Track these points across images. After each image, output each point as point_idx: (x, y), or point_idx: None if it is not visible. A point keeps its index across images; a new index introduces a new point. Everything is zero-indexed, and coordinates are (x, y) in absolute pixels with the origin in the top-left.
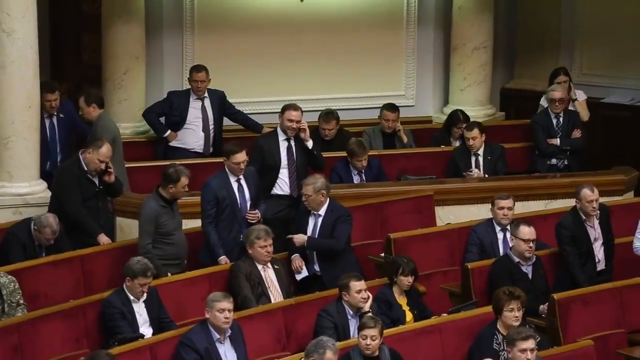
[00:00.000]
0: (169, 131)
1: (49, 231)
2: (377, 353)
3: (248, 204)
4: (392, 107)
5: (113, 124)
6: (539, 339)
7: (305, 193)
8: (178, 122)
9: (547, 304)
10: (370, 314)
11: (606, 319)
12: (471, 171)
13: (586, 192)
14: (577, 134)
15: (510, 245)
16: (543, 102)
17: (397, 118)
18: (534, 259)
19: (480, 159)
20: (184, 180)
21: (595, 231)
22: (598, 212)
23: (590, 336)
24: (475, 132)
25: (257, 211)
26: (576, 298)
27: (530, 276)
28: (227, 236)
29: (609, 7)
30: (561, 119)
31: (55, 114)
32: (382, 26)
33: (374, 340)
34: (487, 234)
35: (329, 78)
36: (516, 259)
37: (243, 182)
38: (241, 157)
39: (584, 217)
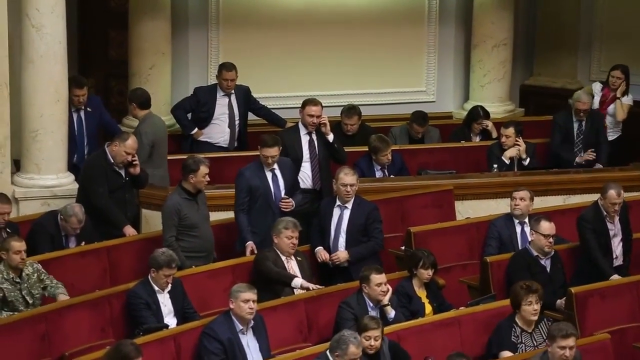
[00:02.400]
0: (195, 129)
1: (75, 220)
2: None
3: (282, 194)
4: (422, 120)
5: (155, 128)
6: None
7: (351, 183)
8: (206, 117)
9: (564, 297)
10: (373, 315)
11: (623, 312)
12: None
13: (612, 194)
14: (589, 156)
15: (530, 240)
16: (595, 85)
17: (426, 128)
18: (552, 253)
19: (514, 158)
20: (204, 169)
21: (614, 227)
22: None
23: (608, 330)
24: (511, 130)
25: (290, 200)
26: (593, 292)
27: (548, 270)
28: (261, 225)
29: (628, 5)
30: (583, 124)
31: (83, 108)
32: (404, 23)
33: (376, 341)
34: (506, 227)
35: (351, 74)
36: (535, 253)
37: (277, 172)
38: (271, 151)
39: (605, 213)
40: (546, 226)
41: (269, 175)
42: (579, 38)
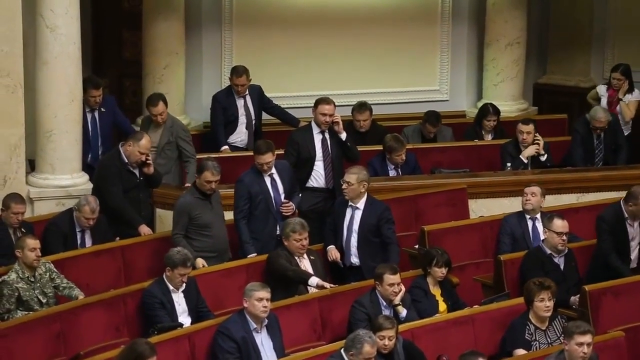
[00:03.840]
0: (225, 146)
1: (87, 209)
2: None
3: (282, 198)
4: (435, 120)
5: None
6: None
7: (348, 181)
8: (232, 121)
9: (578, 295)
10: (388, 315)
11: (637, 310)
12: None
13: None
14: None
15: (543, 237)
16: (599, 88)
17: (437, 129)
18: (566, 251)
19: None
20: (207, 174)
21: (634, 230)
22: None
23: (621, 327)
24: (531, 127)
25: (290, 203)
26: (607, 290)
27: (562, 268)
28: (262, 230)
29: None
30: (602, 136)
31: (97, 108)
32: (417, 21)
33: (391, 341)
34: (518, 224)
35: (364, 72)
36: (548, 251)
37: (276, 176)
38: (265, 158)
39: (626, 216)
40: (559, 224)
41: (267, 180)
42: (592, 36)
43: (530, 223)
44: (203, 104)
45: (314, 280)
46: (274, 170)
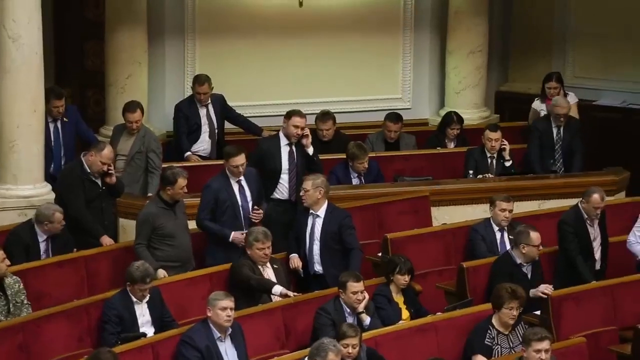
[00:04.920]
0: (188, 153)
1: (59, 215)
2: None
3: (250, 205)
4: (395, 118)
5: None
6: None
7: (304, 187)
8: (195, 130)
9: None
10: (351, 323)
11: (598, 316)
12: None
13: (596, 198)
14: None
15: (523, 251)
16: (535, 105)
17: (400, 128)
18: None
19: (494, 161)
20: (181, 182)
21: (594, 230)
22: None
23: (583, 333)
24: (499, 134)
25: (261, 210)
26: (569, 296)
27: (529, 277)
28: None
29: (601, 11)
30: (562, 130)
31: (60, 118)
32: (379, 30)
33: (354, 349)
34: (487, 233)
35: (327, 81)
36: (518, 261)
37: (244, 183)
38: (240, 160)
39: (586, 217)
40: (535, 237)
41: (235, 187)
42: (553, 43)
43: (498, 234)
44: (166, 113)
45: (277, 289)
46: (242, 178)
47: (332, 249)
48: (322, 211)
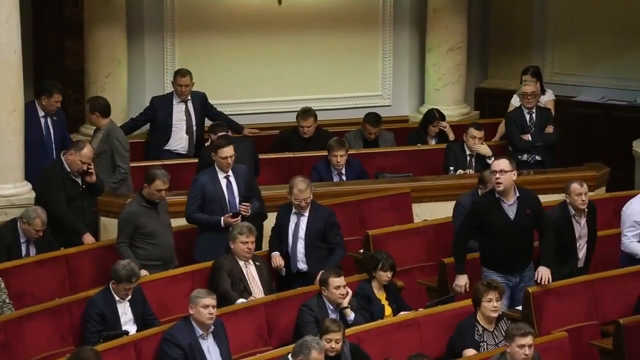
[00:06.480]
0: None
1: (39, 222)
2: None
3: (237, 201)
4: (375, 121)
5: (123, 134)
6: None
7: (307, 197)
8: (166, 127)
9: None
10: (335, 318)
11: (579, 311)
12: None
13: (575, 185)
14: (549, 129)
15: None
16: (514, 100)
17: (379, 129)
18: None
19: (473, 159)
20: (158, 183)
21: (581, 228)
22: (586, 209)
23: (564, 328)
24: (482, 133)
25: (249, 204)
26: (550, 291)
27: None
28: (217, 233)
29: (580, 7)
30: (534, 115)
31: (51, 115)
32: (359, 28)
33: (337, 343)
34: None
35: (307, 79)
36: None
37: (232, 178)
38: (228, 151)
39: (573, 212)
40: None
41: (223, 182)
42: (532, 40)
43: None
44: None
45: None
46: (230, 173)
47: (317, 247)
48: (306, 210)
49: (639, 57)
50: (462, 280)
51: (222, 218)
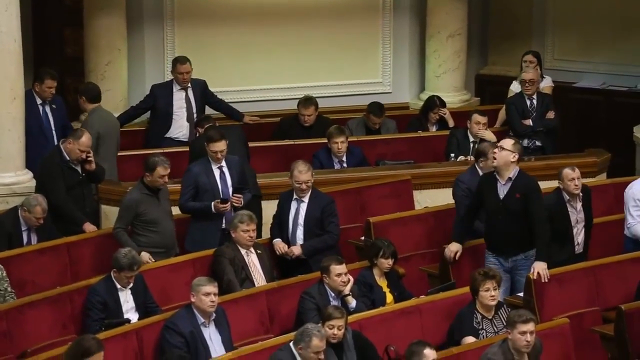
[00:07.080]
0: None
1: (39, 209)
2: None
3: (230, 191)
4: (379, 111)
5: (102, 121)
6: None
7: (307, 180)
8: (166, 115)
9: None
10: (337, 305)
11: (581, 297)
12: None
13: (567, 171)
14: (550, 115)
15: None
16: (513, 87)
17: (382, 120)
18: None
19: (477, 145)
20: (160, 170)
21: (577, 213)
22: (581, 194)
23: (566, 314)
24: (486, 119)
25: (241, 195)
26: (552, 277)
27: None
28: (208, 223)
29: None
30: (534, 101)
31: (49, 102)
32: (359, 14)
33: (340, 330)
34: (473, 182)
35: (308, 66)
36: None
37: (225, 169)
38: (219, 146)
39: (568, 197)
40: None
41: (216, 173)
42: (532, 27)
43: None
44: None
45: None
46: (223, 164)
47: (315, 234)
48: (306, 196)
49: (639, 43)
50: (453, 247)
51: (212, 203)
